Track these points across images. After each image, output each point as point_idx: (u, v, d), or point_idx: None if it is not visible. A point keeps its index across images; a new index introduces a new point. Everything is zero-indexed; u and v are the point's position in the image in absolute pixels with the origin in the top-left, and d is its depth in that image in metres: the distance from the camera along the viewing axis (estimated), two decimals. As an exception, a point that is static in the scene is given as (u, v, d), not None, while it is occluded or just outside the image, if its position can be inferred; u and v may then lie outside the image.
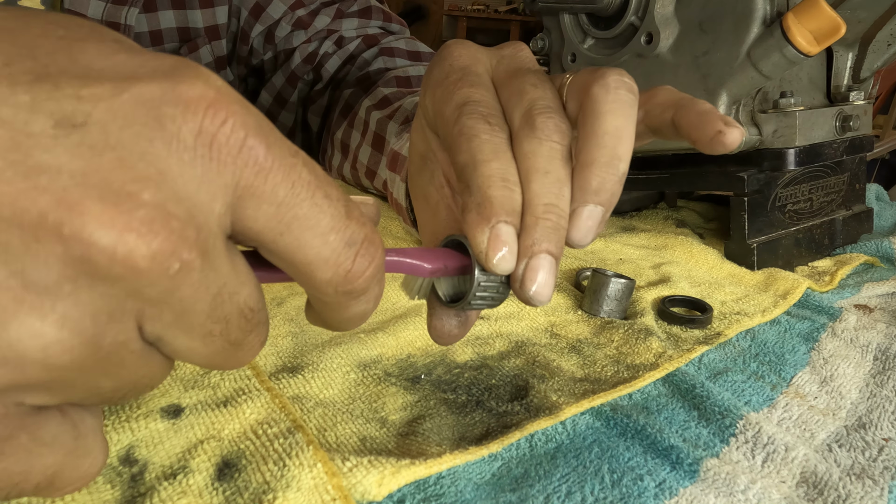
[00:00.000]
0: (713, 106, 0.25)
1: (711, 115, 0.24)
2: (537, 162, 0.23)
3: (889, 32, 0.47)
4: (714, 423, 0.27)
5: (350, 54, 0.63)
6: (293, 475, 0.21)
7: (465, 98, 0.25)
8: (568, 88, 0.25)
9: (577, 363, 0.31)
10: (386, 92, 0.54)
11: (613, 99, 0.23)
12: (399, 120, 0.49)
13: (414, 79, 0.56)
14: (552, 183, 0.22)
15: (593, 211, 0.23)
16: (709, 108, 0.24)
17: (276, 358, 0.29)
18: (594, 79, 0.24)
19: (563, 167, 0.23)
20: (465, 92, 0.25)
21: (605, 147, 0.23)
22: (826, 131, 0.45)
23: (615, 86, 0.23)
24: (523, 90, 0.25)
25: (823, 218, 0.49)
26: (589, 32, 0.50)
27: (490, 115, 0.24)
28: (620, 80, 0.23)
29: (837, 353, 0.34)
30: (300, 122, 0.67)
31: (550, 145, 0.23)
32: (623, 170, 0.23)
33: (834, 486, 0.23)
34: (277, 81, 0.65)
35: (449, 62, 0.27)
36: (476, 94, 0.25)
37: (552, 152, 0.23)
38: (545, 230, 0.22)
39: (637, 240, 0.49)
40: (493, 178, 0.22)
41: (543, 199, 0.22)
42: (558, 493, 0.22)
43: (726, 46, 0.42)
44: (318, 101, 0.63)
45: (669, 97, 0.26)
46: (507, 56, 0.27)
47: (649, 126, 0.26)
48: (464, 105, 0.24)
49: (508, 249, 0.22)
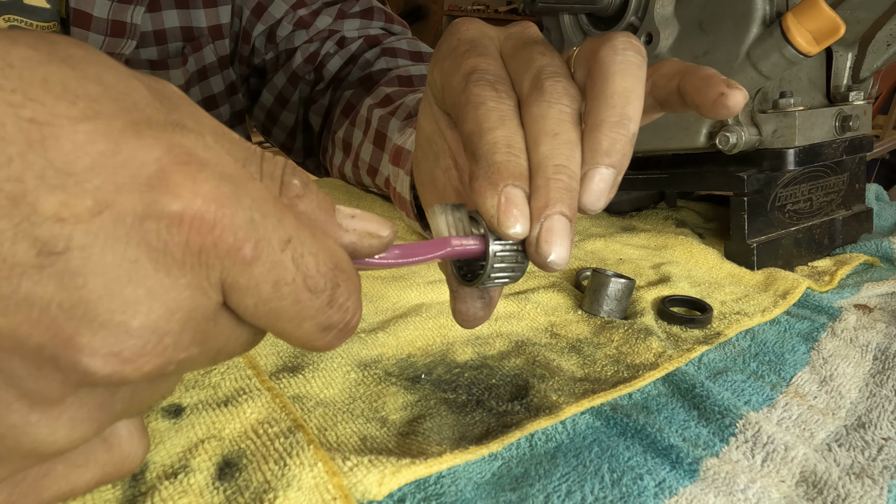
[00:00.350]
0: (717, 71, 0.25)
1: (714, 78, 0.24)
2: (546, 125, 0.22)
3: (888, 32, 0.47)
4: (714, 423, 0.27)
5: (352, 54, 0.63)
6: (294, 474, 0.21)
7: (472, 67, 0.25)
8: (576, 58, 0.25)
9: (577, 363, 0.31)
10: (388, 91, 0.54)
11: (622, 60, 0.23)
12: (401, 116, 0.49)
13: (416, 78, 0.56)
14: (562, 144, 0.22)
15: (605, 173, 0.22)
16: (712, 73, 0.24)
17: (276, 358, 0.29)
18: (601, 42, 0.24)
19: (573, 129, 0.23)
20: (472, 61, 0.25)
21: (615, 107, 0.22)
22: (826, 131, 0.45)
23: (623, 47, 0.23)
24: (531, 58, 0.24)
25: (823, 218, 0.49)
26: (589, 32, 0.50)
27: (497, 82, 0.24)
28: (628, 42, 0.23)
29: (837, 352, 0.34)
30: (301, 122, 0.67)
31: (560, 108, 0.23)
32: (633, 130, 0.23)
33: (833, 486, 0.23)
34: (279, 81, 0.65)
35: (457, 36, 0.27)
36: (483, 62, 0.25)
37: (561, 115, 0.23)
38: (557, 190, 0.21)
39: (637, 240, 0.49)
40: (499, 144, 0.22)
41: (554, 160, 0.22)
42: (558, 492, 0.22)
43: (726, 47, 0.42)
44: (320, 100, 0.64)
45: (675, 67, 0.26)
46: (515, 32, 0.27)
47: (657, 98, 0.26)
48: (471, 73, 0.24)
49: (520, 211, 0.21)
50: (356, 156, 0.54)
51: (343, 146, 0.57)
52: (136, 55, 0.55)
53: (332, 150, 0.60)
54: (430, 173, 0.29)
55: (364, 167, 0.52)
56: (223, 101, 0.64)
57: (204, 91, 0.62)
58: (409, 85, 0.55)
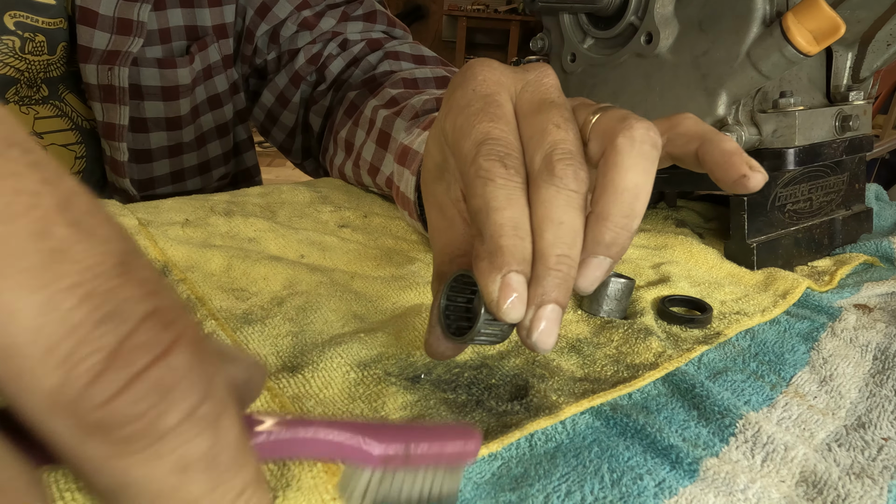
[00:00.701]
0: (737, 144, 0.25)
1: (736, 156, 0.24)
2: (553, 211, 0.23)
3: (888, 32, 0.47)
4: (714, 423, 0.27)
5: (354, 57, 0.63)
6: (293, 475, 0.21)
7: (484, 135, 0.24)
8: (592, 128, 0.25)
9: (577, 363, 0.31)
10: (393, 93, 0.54)
11: (638, 153, 0.23)
12: (407, 117, 0.49)
13: (420, 80, 0.56)
14: (566, 233, 0.23)
15: (602, 262, 0.23)
16: (734, 148, 0.25)
17: (275, 358, 0.29)
18: (621, 129, 0.24)
19: (578, 217, 0.23)
20: (484, 127, 0.25)
21: (623, 204, 0.23)
22: (825, 131, 0.45)
23: (641, 139, 0.23)
24: (546, 130, 0.24)
25: (823, 218, 0.49)
26: (589, 32, 0.50)
27: (507, 156, 0.24)
28: (646, 135, 0.24)
29: (837, 352, 0.34)
30: (301, 123, 0.67)
31: (567, 194, 0.23)
32: (636, 226, 0.23)
33: (833, 486, 0.23)
34: (280, 81, 0.65)
35: (472, 86, 0.26)
36: (496, 130, 0.25)
37: (569, 201, 0.23)
38: (556, 281, 0.22)
39: (637, 239, 0.49)
40: (506, 226, 0.23)
41: (556, 249, 0.22)
42: (558, 492, 0.22)
43: (726, 46, 0.42)
44: (321, 101, 0.64)
45: (694, 129, 0.26)
46: (533, 83, 0.27)
47: (671, 154, 0.27)
48: (482, 144, 0.24)
49: (518, 298, 0.22)
50: (357, 155, 0.54)
51: (345, 146, 0.57)
52: (143, 53, 0.55)
53: (334, 150, 0.60)
54: (439, 199, 0.29)
55: (365, 166, 0.52)
56: (227, 100, 0.64)
57: (209, 90, 0.62)
58: (415, 87, 0.55)
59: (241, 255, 0.39)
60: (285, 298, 0.35)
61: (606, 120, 0.25)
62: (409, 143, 0.46)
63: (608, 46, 0.49)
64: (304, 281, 0.37)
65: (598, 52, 0.50)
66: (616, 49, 0.48)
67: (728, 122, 0.44)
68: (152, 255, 0.38)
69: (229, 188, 0.65)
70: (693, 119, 0.27)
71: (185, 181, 0.63)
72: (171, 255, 0.38)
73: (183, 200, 0.50)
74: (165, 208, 0.47)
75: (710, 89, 0.43)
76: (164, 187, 0.62)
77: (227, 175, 0.68)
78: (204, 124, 0.62)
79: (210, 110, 0.62)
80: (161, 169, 0.61)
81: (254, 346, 0.30)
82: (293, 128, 0.67)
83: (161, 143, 0.59)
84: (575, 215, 0.23)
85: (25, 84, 0.52)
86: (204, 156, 0.64)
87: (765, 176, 0.24)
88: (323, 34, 0.63)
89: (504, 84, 0.27)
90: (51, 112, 0.54)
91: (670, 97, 0.46)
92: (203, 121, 0.62)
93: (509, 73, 0.27)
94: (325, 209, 0.51)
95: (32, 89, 0.53)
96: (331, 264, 0.40)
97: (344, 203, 0.53)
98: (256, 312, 0.33)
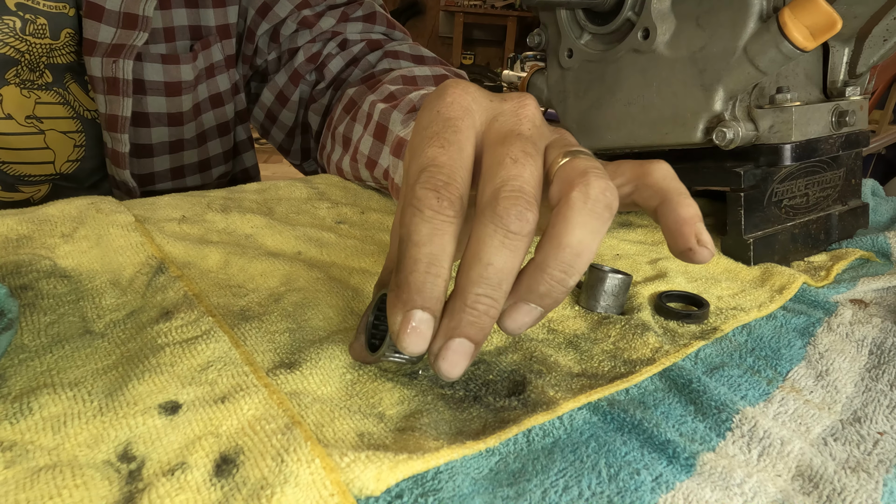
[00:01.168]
0: (696, 211, 0.25)
1: (688, 227, 0.24)
2: (483, 250, 0.22)
3: (885, 27, 0.47)
4: (710, 418, 0.27)
5: (353, 56, 0.63)
6: (291, 471, 0.21)
7: (429, 161, 0.24)
8: (557, 171, 0.24)
9: (575, 358, 0.31)
10: (392, 88, 0.54)
11: (589, 211, 0.23)
12: (404, 110, 0.49)
13: (420, 78, 0.57)
14: (493, 274, 0.22)
15: (534, 311, 0.23)
16: (689, 217, 0.24)
17: (273, 354, 0.29)
18: (579, 183, 0.23)
19: (511, 259, 0.23)
20: (432, 152, 0.24)
21: (563, 259, 0.23)
22: (822, 126, 0.45)
23: (595, 198, 0.23)
24: (502, 163, 0.24)
25: (819, 213, 0.49)
26: (586, 28, 0.50)
27: (445, 186, 0.23)
28: (601, 195, 0.23)
29: (833, 347, 0.34)
30: (301, 123, 0.67)
31: (504, 235, 0.22)
32: (573, 283, 0.23)
33: (829, 480, 0.23)
34: (280, 80, 0.65)
35: (438, 108, 0.26)
36: (443, 156, 0.24)
37: (503, 243, 0.22)
38: (470, 319, 0.22)
39: (634, 235, 0.50)
40: (420, 262, 0.22)
41: (477, 288, 0.22)
42: (555, 487, 0.23)
43: (723, 42, 0.42)
44: (320, 100, 0.64)
45: (660, 184, 0.26)
46: (507, 112, 0.26)
47: (635, 202, 0.27)
48: (424, 170, 0.24)
49: (419, 336, 0.22)
50: (355, 149, 0.54)
51: (343, 141, 0.57)
52: (147, 50, 0.55)
53: (332, 146, 0.60)
54: None
55: (363, 160, 0.52)
56: (228, 99, 0.64)
57: (211, 89, 0.62)
58: (413, 84, 0.56)
59: (239, 252, 0.39)
60: (283, 295, 0.35)
61: (569, 168, 0.24)
62: (404, 136, 0.46)
63: (605, 42, 0.49)
64: (301, 277, 0.37)
65: (595, 47, 0.50)
66: (613, 44, 0.48)
67: (725, 117, 0.44)
68: (149, 252, 0.38)
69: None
70: (663, 171, 0.26)
71: (184, 178, 0.63)
72: (168, 252, 0.38)
73: (180, 197, 0.50)
74: (162, 205, 0.47)
75: (707, 85, 0.43)
76: (164, 183, 0.62)
77: (226, 174, 0.68)
78: (205, 122, 0.62)
79: (211, 108, 0.63)
80: (161, 164, 0.61)
81: (251, 343, 0.30)
82: (292, 127, 0.67)
83: (162, 139, 0.59)
84: (507, 257, 0.22)
85: (27, 66, 0.52)
86: (204, 153, 0.64)
87: (711, 252, 0.24)
88: (322, 33, 0.63)
89: (471, 110, 0.26)
90: (53, 99, 0.55)
91: (667, 93, 0.46)
92: (204, 118, 0.62)
93: (483, 100, 0.26)
94: (322, 205, 0.51)
95: (35, 73, 0.53)
96: (328, 260, 0.40)
97: (341, 199, 0.53)
98: (254, 309, 0.33)
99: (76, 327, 0.30)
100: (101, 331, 0.30)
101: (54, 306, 0.32)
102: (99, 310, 0.32)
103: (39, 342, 0.29)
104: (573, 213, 0.23)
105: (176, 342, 0.29)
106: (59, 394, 0.25)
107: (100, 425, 0.24)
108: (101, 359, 0.28)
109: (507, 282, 0.23)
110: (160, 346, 0.29)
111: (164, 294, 0.33)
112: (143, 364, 0.27)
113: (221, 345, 0.29)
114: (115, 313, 0.32)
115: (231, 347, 0.29)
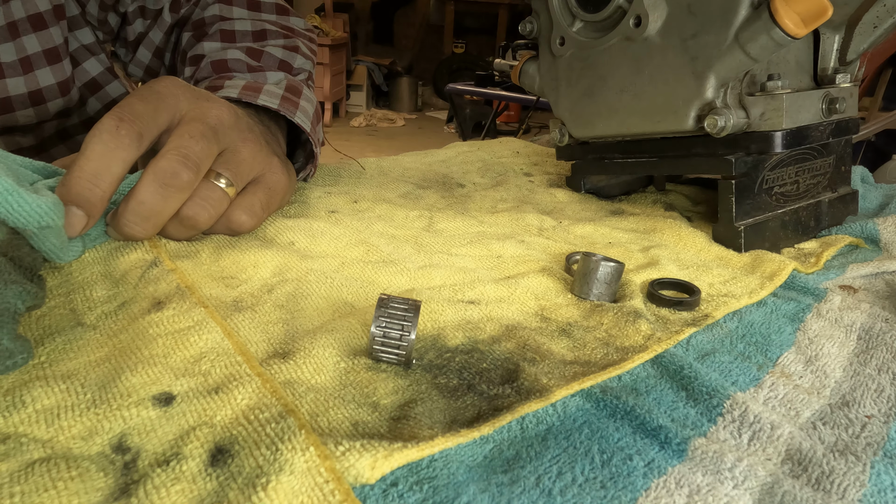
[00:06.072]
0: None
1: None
2: (138, 188, 0.34)
3: (875, 15, 0.47)
4: (702, 404, 0.27)
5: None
6: (286, 459, 0.21)
7: (125, 104, 0.32)
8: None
9: (568, 346, 0.31)
10: (202, 73, 0.54)
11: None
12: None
13: (239, 33, 0.59)
14: (140, 210, 0.35)
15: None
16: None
17: (266, 344, 0.29)
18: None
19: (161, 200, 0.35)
20: (131, 101, 0.32)
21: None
22: (813, 114, 0.45)
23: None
24: (182, 135, 0.34)
25: (810, 200, 0.49)
26: (577, 15, 0.50)
27: (129, 121, 0.32)
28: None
29: (822, 333, 0.34)
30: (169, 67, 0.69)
31: (158, 183, 0.34)
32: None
33: (818, 463, 0.24)
34: (155, 36, 0.67)
35: (153, 86, 0.35)
36: (139, 105, 0.33)
37: (156, 190, 0.34)
38: (119, 224, 0.35)
39: (626, 223, 0.50)
40: (84, 173, 0.31)
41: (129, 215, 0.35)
42: (549, 473, 0.23)
43: (714, 29, 0.42)
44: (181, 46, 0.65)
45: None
46: (204, 107, 0.36)
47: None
48: (117, 107, 0.32)
49: (71, 226, 0.32)
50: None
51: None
52: None
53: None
54: None
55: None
56: (52, 21, 0.59)
57: (28, 9, 0.57)
58: (231, 40, 0.58)
59: (231, 243, 0.39)
60: (275, 285, 0.35)
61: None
62: None
63: (597, 30, 0.49)
64: (294, 268, 0.37)
65: (587, 35, 0.50)
66: (605, 32, 0.48)
67: (716, 105, 0.44)
68: (142, 245, 0.37)
69: (78, 106, 0.64)
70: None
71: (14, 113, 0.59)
72: (160, 245, 0.38)
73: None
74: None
75: (699, 72, 0.43)
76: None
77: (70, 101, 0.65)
78: (27, 46, 0.57)
79: (33, 31, 0.57)
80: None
81: (245, 334, 0.30)
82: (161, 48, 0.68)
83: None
84: (157, 198, 0.34)
85: None
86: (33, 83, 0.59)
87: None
88: None
89: (178, 95, 0.36)
90: None
91: (659, 80, 0.46)
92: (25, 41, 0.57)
93: (190, 93, 0.37)
94: (313, 194, 0.51)
95: None
96: (321, 250, 0.40)
97: (333, 188, 0.53)
98: (247, 300, 0.33)
99: (67, 319, 0.30)
100: (92, 323, 0.30)
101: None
102: (90, 302, 0.32)
103: (31, 335, 0.29)
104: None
105: (168, 332, 0.29)
106: (52, 386, 0.25)
107: (94, 417, 0.23)
108: (94, 351, 0.28)
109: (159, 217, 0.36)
110: (152, 336, 0.28)
111: (157, 286, 0.33)
112: (136, 356, 0.27)
113: (214, 335, 0.29)
114: (107, 305, 0.32)
115: (223, 338, 0.29)
